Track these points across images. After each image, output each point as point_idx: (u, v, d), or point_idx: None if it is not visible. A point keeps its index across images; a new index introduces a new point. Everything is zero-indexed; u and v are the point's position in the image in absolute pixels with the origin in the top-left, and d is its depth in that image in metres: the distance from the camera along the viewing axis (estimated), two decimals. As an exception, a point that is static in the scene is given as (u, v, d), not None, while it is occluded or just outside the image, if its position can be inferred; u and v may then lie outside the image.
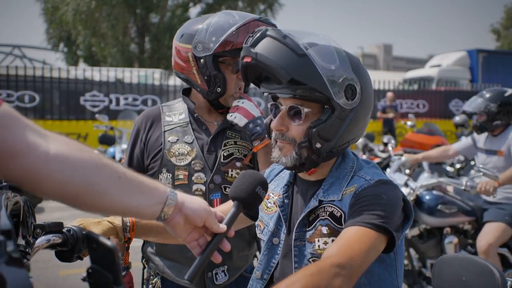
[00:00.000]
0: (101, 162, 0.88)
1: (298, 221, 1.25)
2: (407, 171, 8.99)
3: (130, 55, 19.87)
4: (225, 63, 1.74)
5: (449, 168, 8.99)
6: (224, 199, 1.73)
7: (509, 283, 1.50)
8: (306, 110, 1.20)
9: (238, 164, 1.78)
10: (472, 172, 9.00)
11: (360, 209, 1.13)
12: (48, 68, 11.13)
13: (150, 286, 1.79)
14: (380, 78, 14.25)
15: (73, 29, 20.05)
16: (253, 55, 1.16)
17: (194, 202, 1.01)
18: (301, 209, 1.28)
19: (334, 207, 1.20)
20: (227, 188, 1.74)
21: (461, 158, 9.29)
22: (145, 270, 1.84)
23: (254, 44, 1.17)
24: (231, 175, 1.76)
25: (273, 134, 1.28)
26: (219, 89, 1.74)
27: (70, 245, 1.25)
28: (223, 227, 1.02)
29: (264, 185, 1.09)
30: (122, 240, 1.37)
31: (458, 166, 9.25)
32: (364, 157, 6.94)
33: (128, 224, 1.37)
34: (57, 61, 25.52)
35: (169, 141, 1.75)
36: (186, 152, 1.73)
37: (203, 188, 1.72)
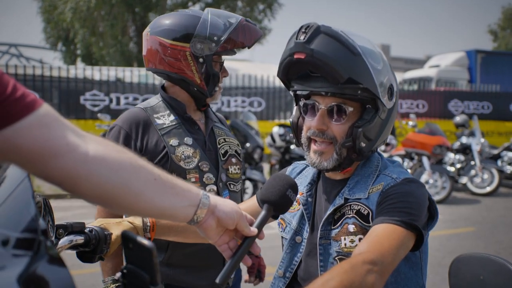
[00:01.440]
0: (137, 163, 0.88)
1: (323, 219, 1.25)
2: (409, 171, 8.96)
3: (129, 54, 19.82)
4: (214, 61, 1.74)
5: (449, 168, 9.02)
6: (232, 196, 1.76)
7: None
8: (350, 109, 1.21)
9: (233, 160, 1.81)
10: (472, 171, 9.05)
11: (388, 207, 1.13)
12: (47, 67, 11.07)
13: None
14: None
15: (71, 28, 19.97)
16: (308, 51, 1.13)
17: (227, 204, 1.00)
18: (326, 208, 1.28)
19: (361, 205, 1.21)
20: (232, 185, 1.77)
21: (462, 158, 9.32)
22: None
23: (309, 41, 1.14)
24: (231, 171, 1.79)
25: (308, 133, 1.26)
26: (217, 88, 1.76)
27: (92, 246, 1.25)
28: (254, 230, 1.01)
29: (294, 188, 1.08)
30: None
31: (458, 165, 9.28)
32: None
33: (148, 224, 1.37)
34: (54, 60, 25.38)
35: (171, 145, 1.69)
36: (190, 154, 1.70)
37: (215, 188, 1.71)
